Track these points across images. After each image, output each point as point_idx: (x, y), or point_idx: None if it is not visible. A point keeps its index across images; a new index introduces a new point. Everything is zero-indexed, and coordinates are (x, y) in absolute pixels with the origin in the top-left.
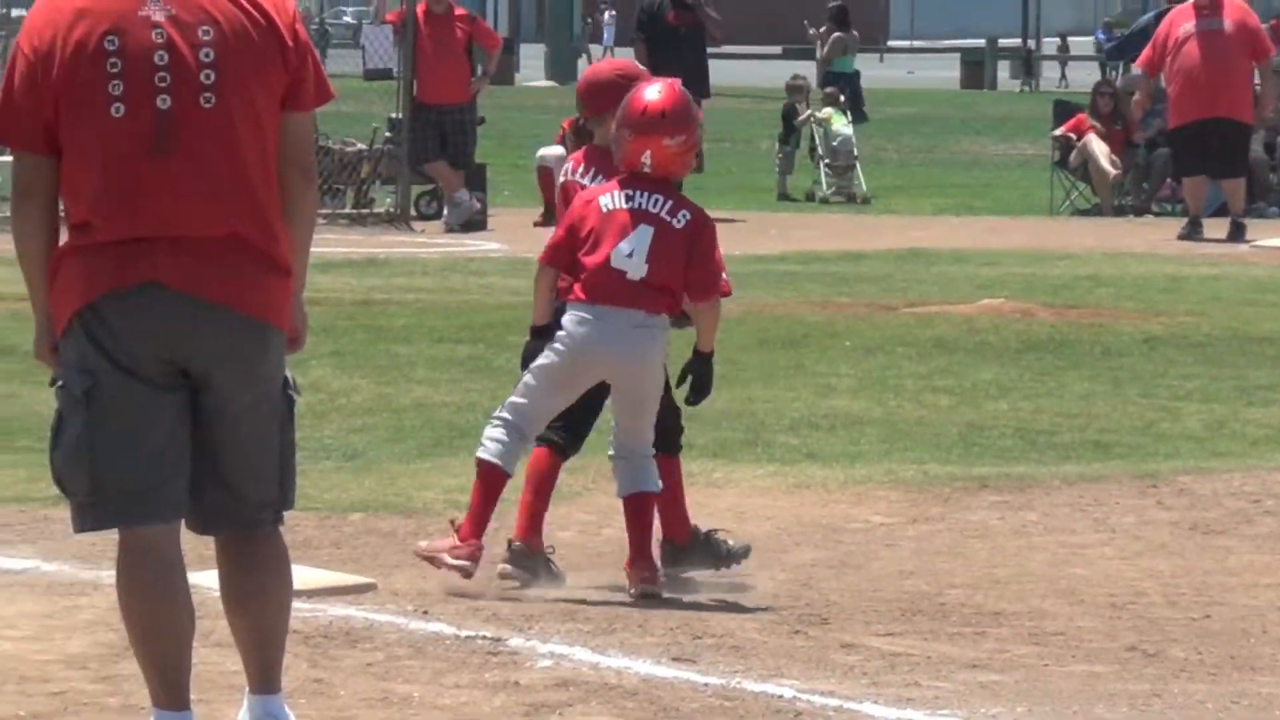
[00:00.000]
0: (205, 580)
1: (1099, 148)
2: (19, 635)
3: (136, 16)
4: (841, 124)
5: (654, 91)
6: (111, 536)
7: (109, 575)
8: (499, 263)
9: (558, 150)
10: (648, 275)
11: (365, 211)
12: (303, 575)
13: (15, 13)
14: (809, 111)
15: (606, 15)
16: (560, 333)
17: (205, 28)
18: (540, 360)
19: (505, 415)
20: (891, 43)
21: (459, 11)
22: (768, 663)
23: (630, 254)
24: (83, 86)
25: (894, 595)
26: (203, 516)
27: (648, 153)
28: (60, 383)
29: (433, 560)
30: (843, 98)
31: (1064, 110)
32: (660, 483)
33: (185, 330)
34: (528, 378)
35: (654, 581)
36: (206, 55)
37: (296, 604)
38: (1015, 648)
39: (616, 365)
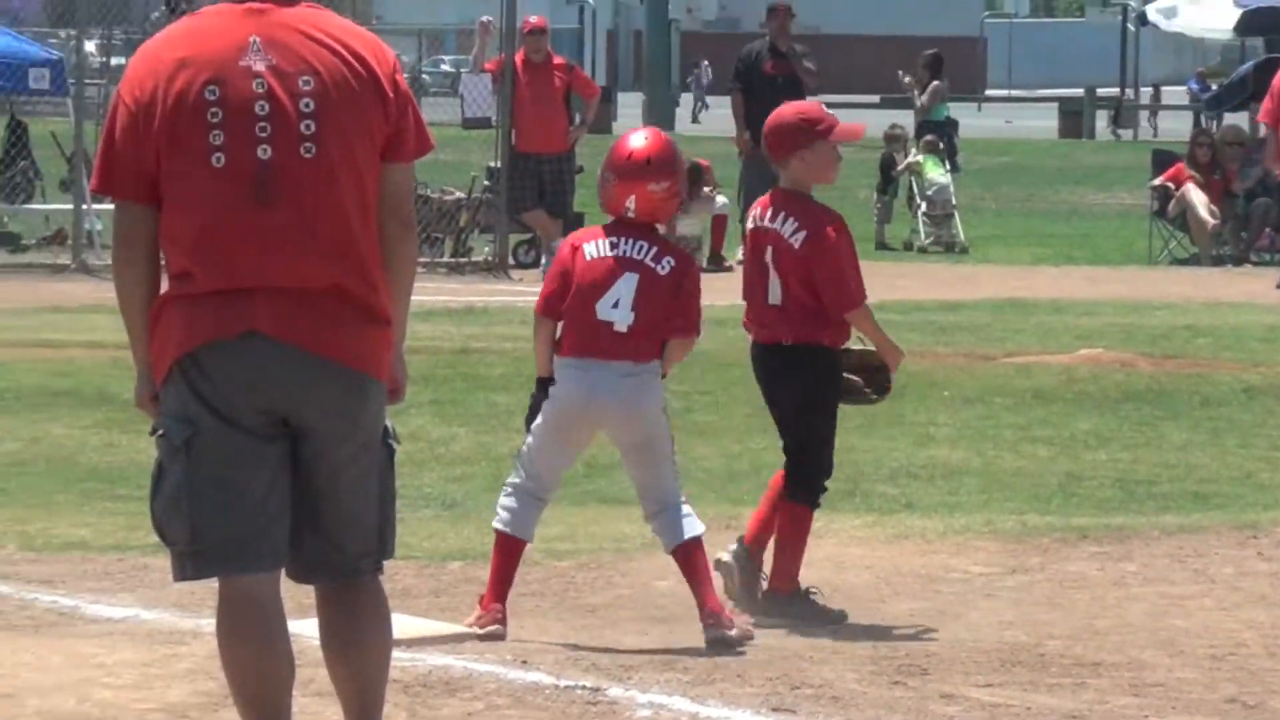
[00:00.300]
0: (305, 629)
1: (1197, 197)
2: (119, 684)
3: (237, 66)
4: (938, 173)
5: (639, 138)
6: (211, 584)
7: (209, 623)
8: None
9: None
10: (634, 323)
11: (464, 260)
12: (402, 624)
13: (115, 61)
14: (907, 160)
15: (703, 65)
16: (552, 388)
17: (306, 78)
18: (539, 420)
19: (515, 480)
20: (989, 92)
21: (557, 60)
22: (867, 713)
23: (616, 304)
24: (184, 136)
25: (993, 646)
26: (303, 565)
27: (632, 198)
28: (160, 432)
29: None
30: (941, 145)
31: (1163, 160)
32: (702, 525)
33: (285, 381)
34: (530, 438)
35: (722, 626)
36: (307, 105)
37: (396, 653)
38: (1115, 699)
39: (611, 416)
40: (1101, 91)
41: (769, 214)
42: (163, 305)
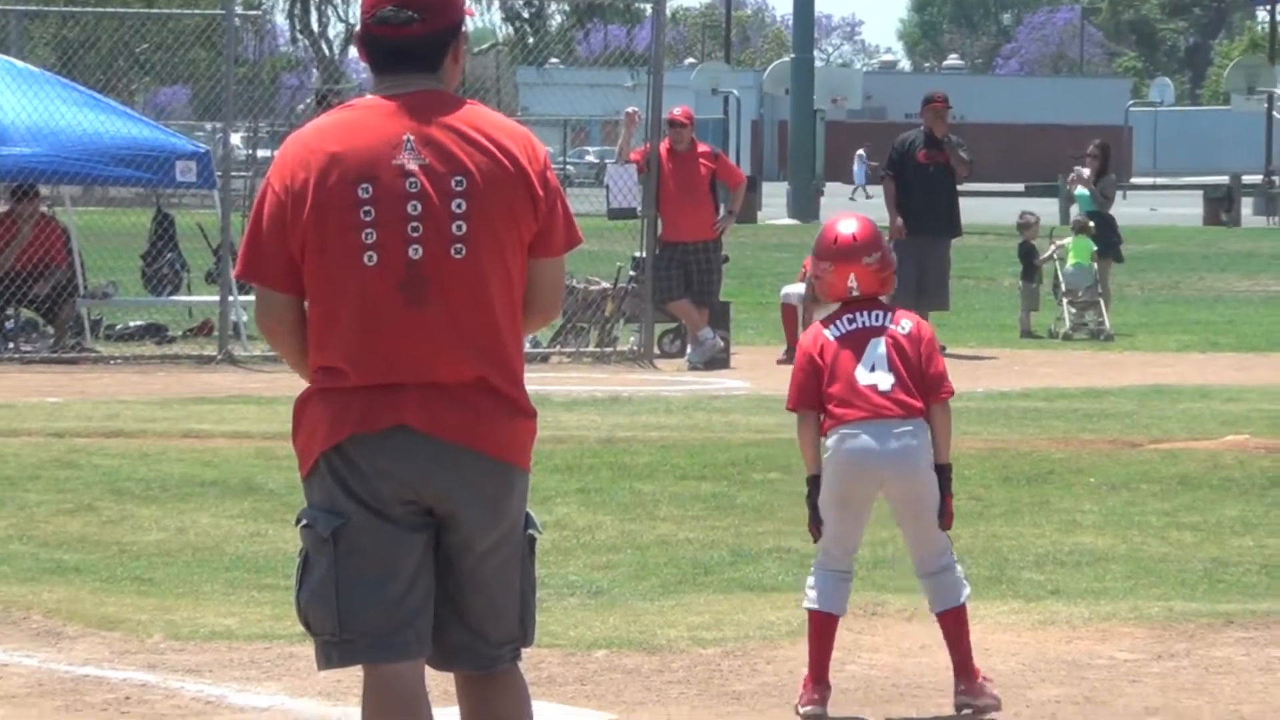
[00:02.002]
0: (449, 717)
1: None
2: None
3: (391, 165)
4: (1080, 257)
5: (844, 224)
6: (357, 672)
7: (355, 712)
8: (742, 400)
9: (799, 288)
10: (895, 383)
11: (609, 350)
12: (547, 712)
13: (261, 154)
14: (1052, 249)
15: (857, 154)
16: (827, 456)
17: (459, 178)
18: (821, 496)
19: (817, 560)
20: (1135, 180)
21: (702, 148)
22: None
23: (873, 368)
24: (335, 232)
25: None
26: (444, 653)
27: (852, 276)
28: (306, 523)
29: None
30: (1091, 225)
31: None
32: (968, 590)
33: (431, 472)
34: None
35: (973, 693)
36: (459, 206)
37: None
38: None
39: (890, 473)
40: (1247, 178)
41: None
42: (308, 399)
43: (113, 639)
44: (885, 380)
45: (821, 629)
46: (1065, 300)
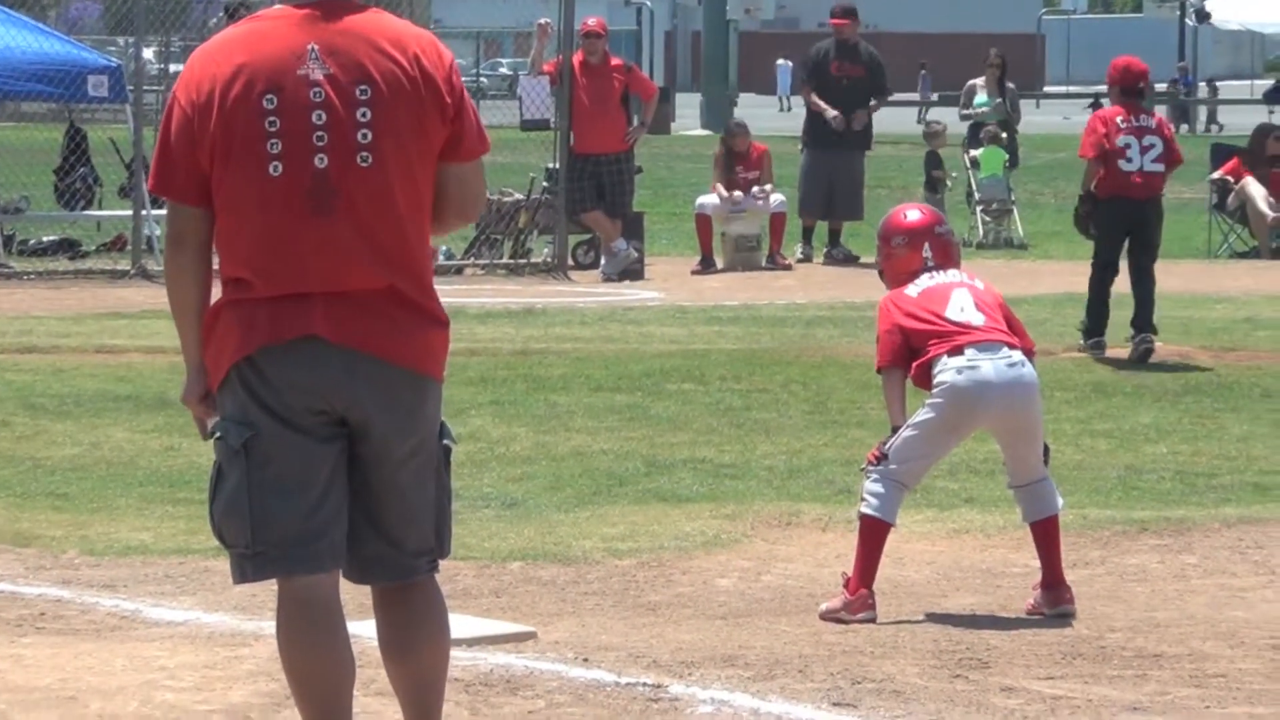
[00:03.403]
0: (365, 630)
1: (1257, 190)
2: (181, 686)
3: (295, 75)
4: (993, 168)
5: (910, 211)
6: (272, 587)
7: (269, 625)
8: (657, 311)
9: (713, 199)
10: (986, 322)
11: (523, 261)
12: (463, 624)
13: (173, 68)
14: (970, 153)
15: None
16: (941, 386)
17: (363, 86)
18: (924, 415)
19: (883, 468)
20: (1047, 88)
21: (615, 61)
22: (928, 706)
23: (962, 309)
24: (241, 143)
25: (1054, 639)
26: (360, 566)
27: (926, 245)
28: (218, 435)
29: (837, 620)
30: (1004, 136)
31: (1221, 153)
32: (1062, 501)
33: (342, 382)
34: (908, 433)
35: (1068, 601)
36: (364, 115)
37: (457, 652)
38: (1176, 690)
39: (1012, 400)
40: (1160, 86)
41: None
42: (218, 311)
43: (27, 555)
44: (977, 318)
45: (879, 537)
46: (979, 209)
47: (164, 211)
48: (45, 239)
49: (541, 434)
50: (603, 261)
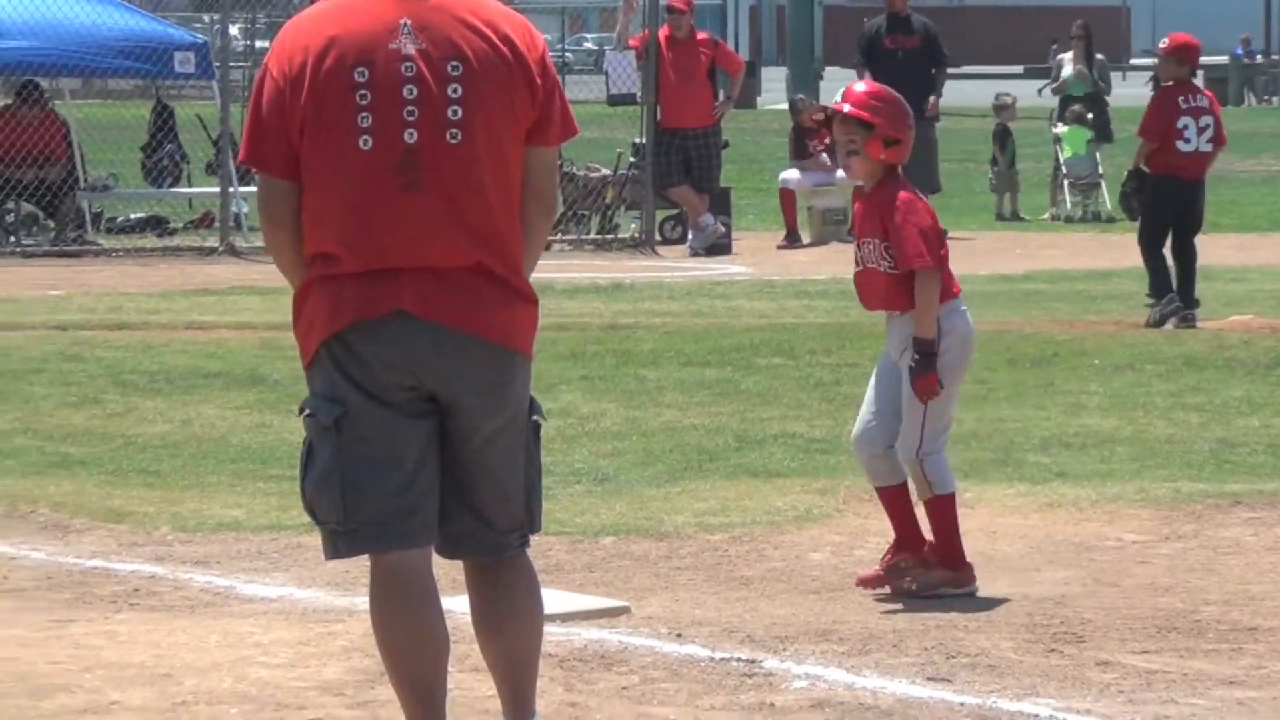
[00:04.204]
0: (458, 605)
1: None
2: (276, 662)
3: (387, 49)
4: (1080, 146)
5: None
6: (364, 562)
7: (363, 601)
8: (745, 285)
9: (795, 173)
10: None
11: (610, 237)
12: (555, 599)
13: (259, 44)
14: (1054, 131)
15: None
16: (951, 336)
17: (454, 62)
18: (952, 369)
19: (941, 441)
20: (1134, 60)
21: (701, 35)
22: (1023, 681)
23: None
24: (331, 116)
25: (1148, 613)
26: (451, 542)
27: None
28: (309, 412)
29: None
30: (1089, 116)
31: None
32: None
33: (430, 358)
34: (943, 389)
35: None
36: (454, 90)
37: (550, 628)
38: (1272, 664)
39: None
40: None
41: None
42: (306, 289)
43: (120, 531)
44: None
45: (955, 509)
46: (1067, 183)
47: (252, 189)
48: (133, 216)
49: (631, 409)
50: (690, 236)
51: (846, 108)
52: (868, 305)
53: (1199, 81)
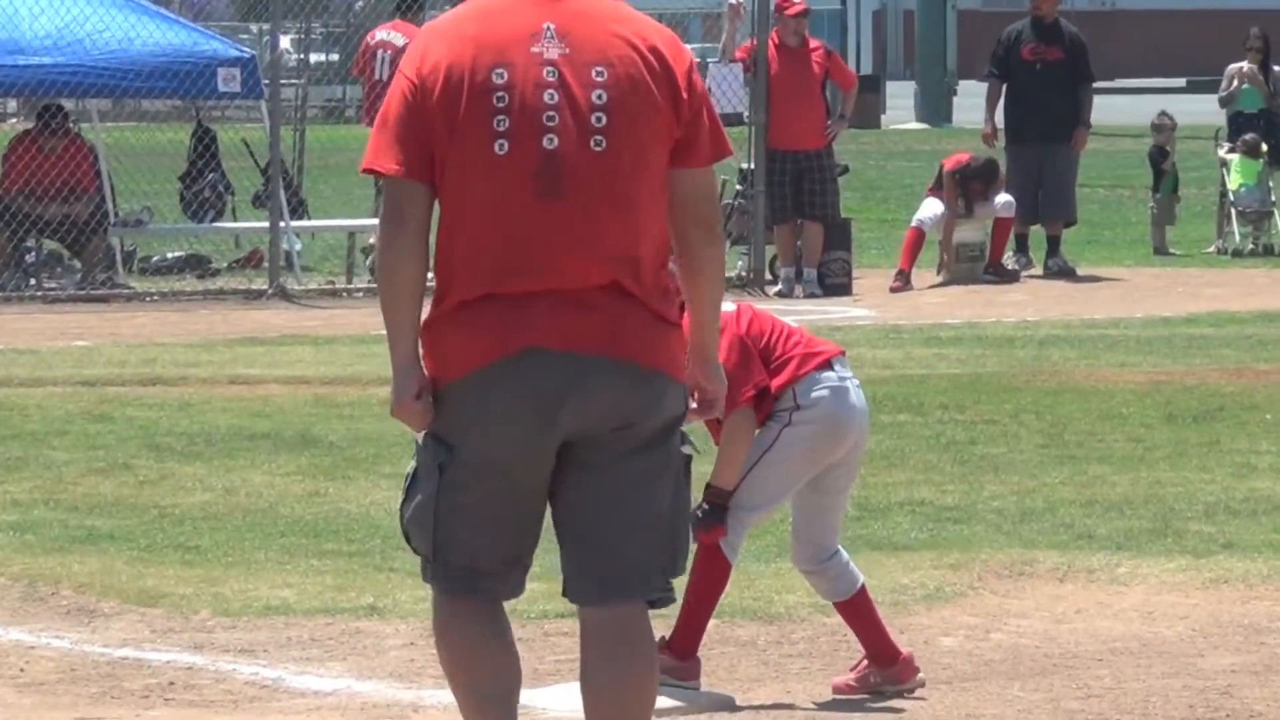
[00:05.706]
0: (535, 699)
1: None
2: None
3: (529, 52)
4: (1246, 178)
5: None
6: (430, 651)
7: (430, 695)
8: (868, 331)
9: (934, 210)
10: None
11: None
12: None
13: (314, 58)
14: (1221, 155)
15: None
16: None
17: (599, 69)
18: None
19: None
20: None
21: (814, 44)
22: None
23: None
24: (465, 118)
25: None
26: (582, 583)
27: None
28: (423, 442)
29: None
30: (1264, 146)
31: None
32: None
33: (566, 392)
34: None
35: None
36: (599, 97)
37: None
38: None
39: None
40: None
41: None
42: (435, 320)
43: (153, 616)
44: None
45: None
46: (1235, 212)
47: (305, 223)
48: (170, 255)
49: None
50: (804, 274)
51: None
52: None
53: None
